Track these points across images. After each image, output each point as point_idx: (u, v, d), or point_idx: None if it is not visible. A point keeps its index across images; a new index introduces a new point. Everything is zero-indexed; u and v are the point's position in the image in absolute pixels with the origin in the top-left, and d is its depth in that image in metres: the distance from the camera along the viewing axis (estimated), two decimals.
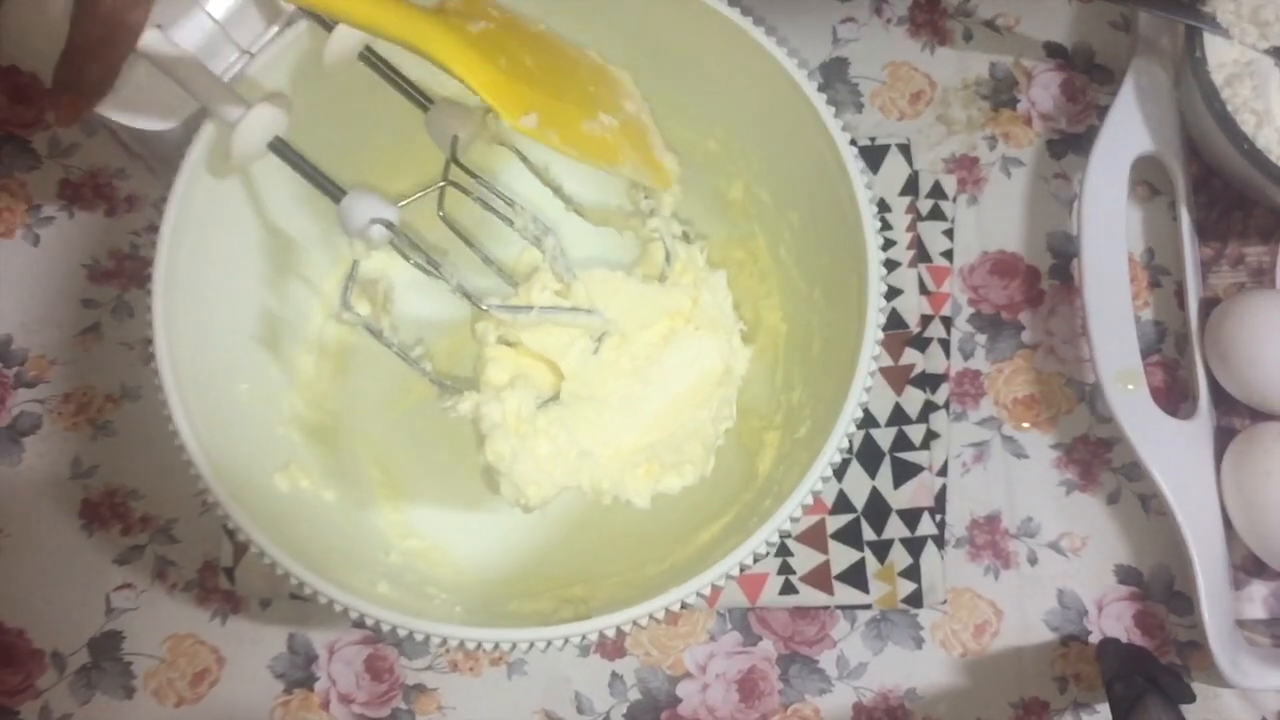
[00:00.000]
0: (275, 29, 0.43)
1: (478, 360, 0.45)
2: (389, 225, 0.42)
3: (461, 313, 0.48)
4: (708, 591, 0.38)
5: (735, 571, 0.38)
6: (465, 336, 0.47)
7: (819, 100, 0.42)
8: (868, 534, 0.51)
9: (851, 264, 0.41)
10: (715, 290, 0.47)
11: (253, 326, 0.46)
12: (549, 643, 0.38)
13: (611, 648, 0.52)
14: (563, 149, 0.39)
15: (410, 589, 0.44)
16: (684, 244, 0.49)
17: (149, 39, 0.38)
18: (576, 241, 0.51)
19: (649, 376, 0.45)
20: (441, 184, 0.44)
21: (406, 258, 0.42)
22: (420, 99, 0.43)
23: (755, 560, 0.50)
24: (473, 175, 0.44)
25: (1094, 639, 0.52)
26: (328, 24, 0.41)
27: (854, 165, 0.41)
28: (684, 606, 0.50)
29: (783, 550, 0.51)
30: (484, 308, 0.42)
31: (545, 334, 0.44)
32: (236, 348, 0.45)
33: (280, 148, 0.40)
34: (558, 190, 0.49)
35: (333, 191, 0.41)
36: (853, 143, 0.42)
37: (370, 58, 0.42)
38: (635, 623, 0.38)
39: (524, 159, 0.49)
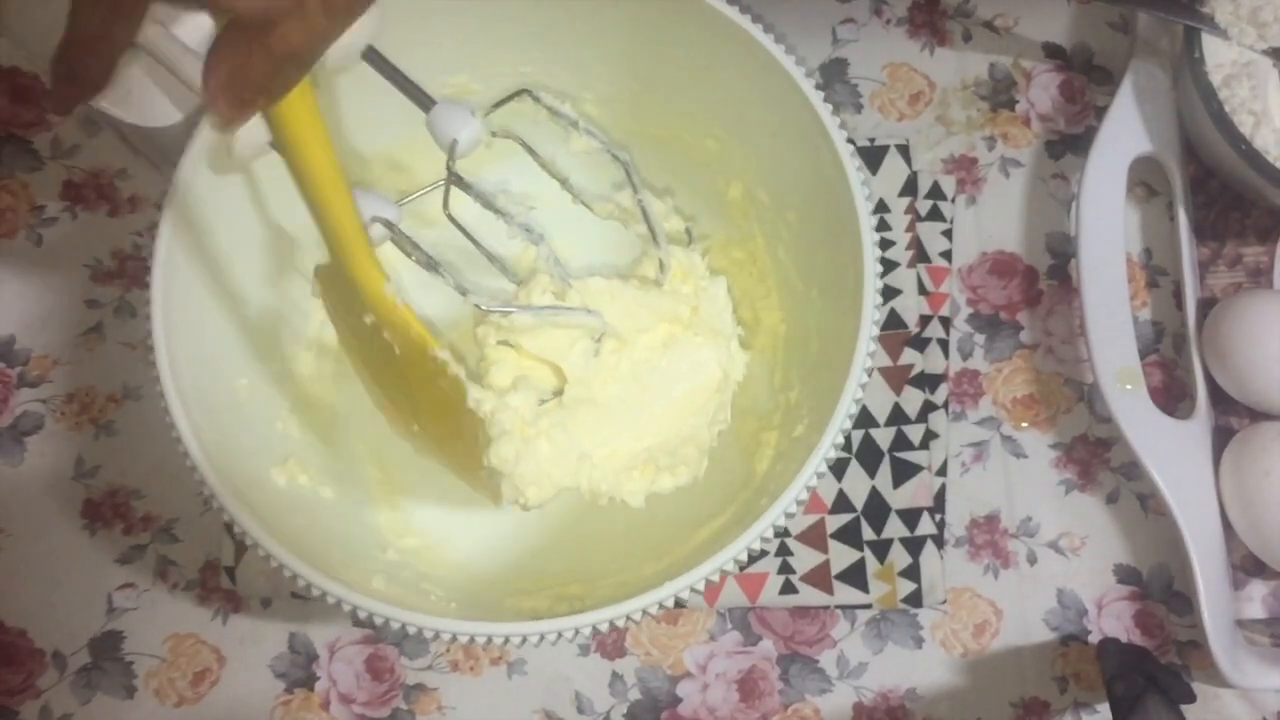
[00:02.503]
0: None
1: (480, 362, 0.45)
2: (389, 224, 0.42)
3: (465, 310, 0.48)
4: (701, 587, 0.38)
5: (730, 567, 0.38)
6: (468, 334, 0.47)
7: (816, 98, 0.42)
8: (867, 534, 0.51)
9: (848, 261, 0.41)
10: (715, 297, 0.47)
11: (253, 323, 0.46)
12: (541, 637, 0.38)
13: (612, 647, 0.52)
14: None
15: (406, 585, 0.44)
16: (683, 249, 0.49)
17: (150, 35, 0.38)
18: (581, 237, 0.51)
19: (648, 381, 0.45)
20: (443, 182, 0.44)
21: (408, 254, 0.43)
22: (422, 99, 0.43)
23: (750, 558, 0.50)
24: (466, 187, 0.45)
25: (1094, 639, 0.52)
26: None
27: (850, 163, 0.41)
28: (679, 604, 0.51)
29: (783, 550, 0.51)
30: (481, 306, 0.42)
31: (546, 336, 0.44)
32: (236, 344, 0.45)
33: None
34: (565, 183, 0.49)
35: None
36: (851, 142, 0.43)
37: (374, 57, 0.43)
38: (629, 618, 0.38)
39: (531, 151, 0.49)
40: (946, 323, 0.54)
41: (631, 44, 0.46)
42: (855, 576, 0.51)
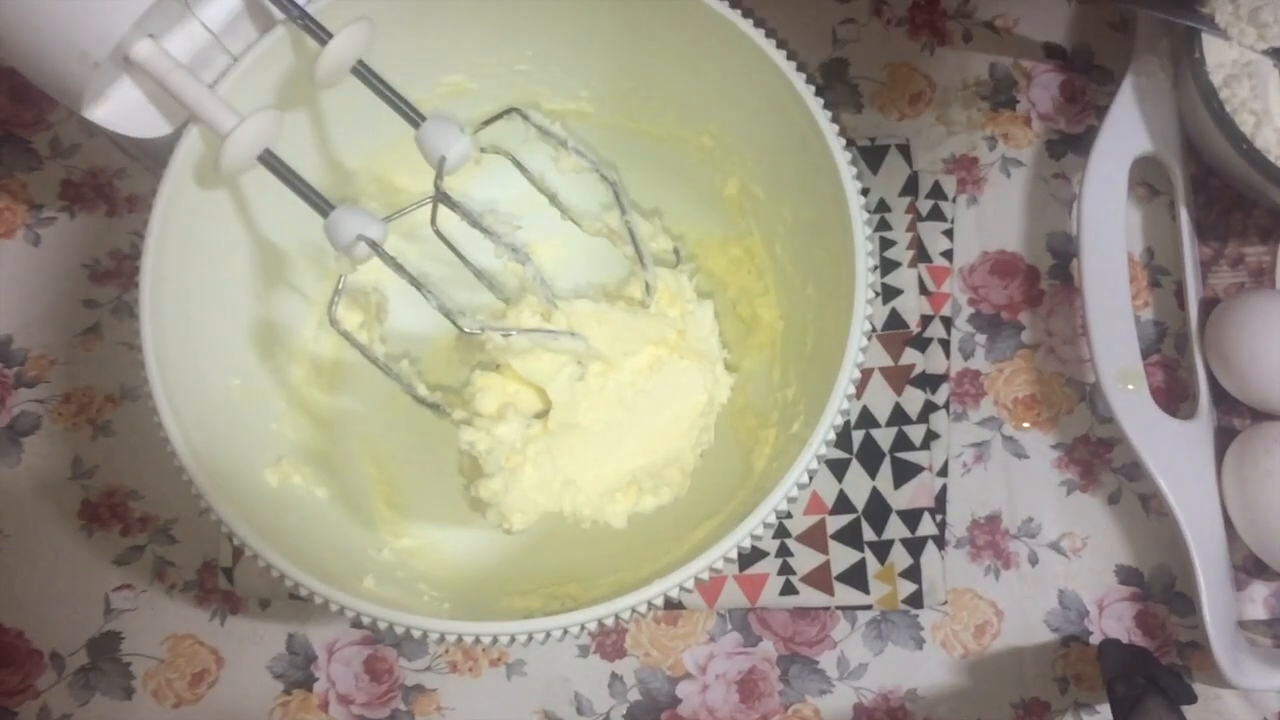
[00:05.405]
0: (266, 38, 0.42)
1: (466, 389, 0.45)
2: (373, 244, 0.42)
3: (449, 324, 0.48)
4: (691, 585, 0.38)
5: (721, 564, 0.38)
6: (451, 346, 0.47)
7: (807, 91, 0.42)
8: (868, 534, 0.51)
9: (841, 254, 0.41)
10: (702, 320, 0.47)
11: (246, 325, 0.46)
12: (530, 636, 0.37)
13: (611, 648, 0.52)
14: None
15: (400, 585, 0.44)
16: (671, 271, 0.49)
17: (141, 49, 0.38)
18: (569, 254, 0.51)
19: (634, 405, 0.45)
20: (430, 199, 0.43)
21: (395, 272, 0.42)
22: (412, 115, 0.43)
23: (750, 558, 0.50)
24: (453, 205, 0.44)
25: (1095, 639, 0.52)
26: (320, 37, 0.41)
27: (841, 155, 0.41)
28: (678, 605, 0.51)
29: (783, 551, 0.51)
30: (465, 330, 0.42)
31: (533, 360, 0.44)
32: (229, 345, 0.45)
33: (270, 160, 0.39)
34: (553, 199, 0.49)
35: (320, 206, 0.40)
36: (851, 143, 0.42)
37: (363, 72, 0.42)
38: (619, 617, 0.38)
39: (520, 167, 0.49)
40: (948, 323, 0.54)
41: (627, 42, 0.46)
42: (856, 577, 0.51)
